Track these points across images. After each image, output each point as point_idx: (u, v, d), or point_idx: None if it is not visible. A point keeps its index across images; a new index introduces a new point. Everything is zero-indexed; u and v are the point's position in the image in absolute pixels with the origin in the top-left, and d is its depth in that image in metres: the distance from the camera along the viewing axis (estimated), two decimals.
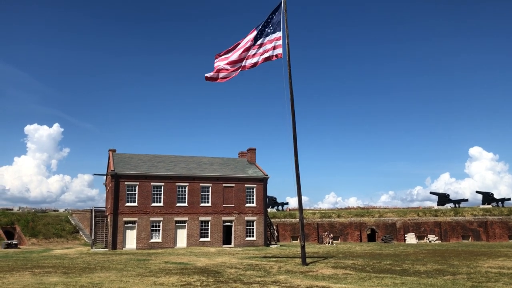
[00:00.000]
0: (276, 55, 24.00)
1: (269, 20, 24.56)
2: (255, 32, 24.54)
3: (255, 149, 51.26)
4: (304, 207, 52.21)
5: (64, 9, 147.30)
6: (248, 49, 24.40)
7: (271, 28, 24.41)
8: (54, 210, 65.19)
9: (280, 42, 24.10)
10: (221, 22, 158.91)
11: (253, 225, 45.88)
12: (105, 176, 50.42)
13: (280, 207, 63.73)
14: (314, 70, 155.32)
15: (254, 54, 24.35)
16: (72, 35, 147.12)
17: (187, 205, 43.81)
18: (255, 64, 24.24)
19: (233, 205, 45.33)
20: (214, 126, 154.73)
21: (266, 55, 24.13)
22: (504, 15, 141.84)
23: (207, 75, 24.42)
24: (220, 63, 24.52)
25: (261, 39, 24.45)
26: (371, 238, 55.64)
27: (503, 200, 61.69)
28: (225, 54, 24.59)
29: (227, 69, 24.35)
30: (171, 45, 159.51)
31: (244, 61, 24.34)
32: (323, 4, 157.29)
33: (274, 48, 24.09)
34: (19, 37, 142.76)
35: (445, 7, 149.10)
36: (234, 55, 24.47)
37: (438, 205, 63.39)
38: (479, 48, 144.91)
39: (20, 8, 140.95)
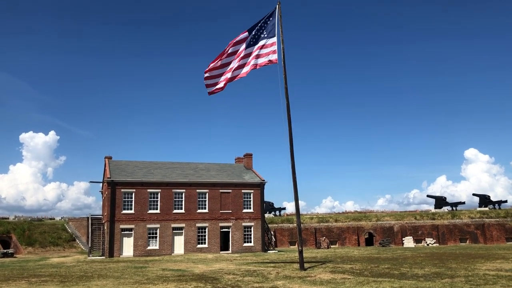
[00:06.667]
0: (271, 61, 24.05)
1: (263, 25, 24.61)
2: (246, 34, 24.57)
3: (251, 154, 51.26)
4: (301, 212, 52.20)
5: (59, 16, 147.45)
6: (242, 56, 24.43)
7: (265, 33, 24.47)
8: (51, 218, 64.89)
9: (275, 47, 24.15)
10: (216, 26, 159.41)
11: (250, 231, 45.76)
12: (102, 184, 50.25)
13: (277, 212, 63.66)
14: (310, 73, 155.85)
15: (249, 60, 24.38)
16: (68, 41, 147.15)
17: (184, 211, 43.67)
18: (250, 70, 24.28)
19: (230, 211, 45.23)
20: (211, 131, 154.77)
21: (261, 60, 24.18)
22: (500, 16, 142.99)
23: (209, 91, 24.61)
24: (212, 72, 24.57)
25: (255, 45, 24.49)
26: (369, 242, 55.61)
27: (499, 202, 61.83)
28: (217, 62, 24.57)
29: (223, 79, 24.41)
30: (166, 49, 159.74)
31: (240, 68, 24.36)
32: (320, 4, 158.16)
33: (269, 53, 24.14)
34: (15, 44, 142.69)
35: (439, 8, 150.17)
36: (227, 62, 24.49)
37: (435, 208, 63.47)
38: (475, 50, 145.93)
39: (16, 16, 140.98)
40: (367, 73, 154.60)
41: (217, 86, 24.63)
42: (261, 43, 24.43)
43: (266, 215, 56.71)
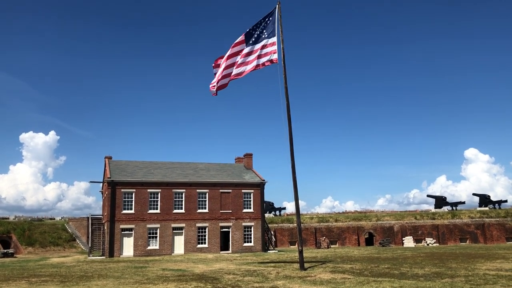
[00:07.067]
0: (272, 60, 24.05)
1: (263, 25, 24.61)
2: (245, 34, 24.58)
3: (251, 154, 51.26)
4: (301, 211, 52.16)
5: (59, 16, 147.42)
6: (242, 55, 24.45)
7: (265, 33, 24.47)
8: (51, 218, 64.92)
9: (275, 47, 24.16)
10: (217, 26, 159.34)
11: (250, 231, 45.76)
12: (102, 184, 50.25)
13: (277, 212, 63.66)
14: (310, 73, 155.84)
15: (249, 60, 24.39)
16: (68, 41, 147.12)
17: (184, 211, 43.67)
18: (250, 70, 24.29)
19: (230, 211, 45.23)
20: (211, 131, 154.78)
21: (262, 60, 24.18)
22: (501, 16, 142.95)
23: (213, 90, 24.69)
24: (215, 70, 24.71)
25: (255, 45, 24.49)
26: (369, 242, 55.61)
27: (499, 202, 61.80)
28: (220, 60, 24.68)
29: (224, 78, 24.46)
30: (166, 50, 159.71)
31: (240, 68, 24.38)
32: (320, 4, 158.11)
33: (269, 53, 24.14)
34: (15, 45, 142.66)
35: (439, 9, 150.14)
36: (228, 62, 24.52)
37: (435, 208, 63.45)
38: (475, 49, 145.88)
39: (16, 17, 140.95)
40: (367, 73, 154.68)
41: (217, 88, 24.70)
42: (261, 43, 24.44)
43: (266, 215, 56.72)
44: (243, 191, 46.04)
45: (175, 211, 43.40)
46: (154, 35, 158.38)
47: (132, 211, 42.01)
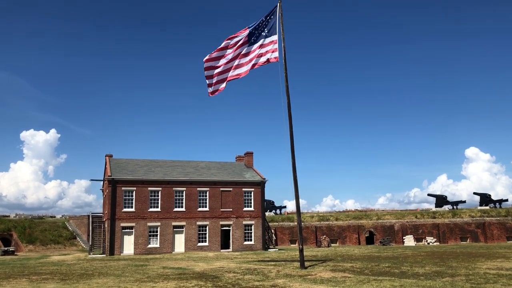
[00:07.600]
0: (273, 59, 24.00)
1: (264, 23, 24.56)
2: (246, 32, 24.49)
3: (252, 153, 51.26)
4: (302, 210, 52.13)
5: (60, 16, 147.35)
6: (242, 53, 24.37)
7: (266, 31, 24.42)
8: (51, 217, 64.97)
9: (276, 45, 24.12)
10: (217, 27, 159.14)
11: (251, 229, 45.78)
12: (102, 182, 50.27)
13: (278, 211, 63.66)
14: (311, 73, 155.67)
15: (250, 58, 24.33)
16: (69, 41, 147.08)
17: (184, 209, 43.69)
18: (251, 68, 24.23)
19: (231, 209, 45.24)
20: (211, 130, 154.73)
21: (263, 59, 24.12)
22: (500, 17, 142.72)
23: (210, 90, 24.52)
24: (213, 71, 24.47)
25: (256, 43, 24.44)
26: (370, 240, 55.61)
27: (500, 201, 61.78)
28: (216, 58, 24.47)
29: (224, 78, 24.32)
30: (167, 50, 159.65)
31: (240, 67, 24.30)
32: (320, 6, 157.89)
33: (270, 51, 24.09)
34: (17, 44, 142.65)
35: (440, 10, 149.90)
36: (228, 61, 24.41)
37: (436, 207, 63.45)
38: (475, 50, 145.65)
39: (17, 16, 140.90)
40: (367, 73, 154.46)
41: (219, 87, 24.54)
42: (262, 41, 24.38)
43: (267, 214, 56.71)
44: (243, 189, 46.04)
45: (175, 209, 43.41)
46: (154, 35, 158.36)
47: (133, 209, 42.03)
